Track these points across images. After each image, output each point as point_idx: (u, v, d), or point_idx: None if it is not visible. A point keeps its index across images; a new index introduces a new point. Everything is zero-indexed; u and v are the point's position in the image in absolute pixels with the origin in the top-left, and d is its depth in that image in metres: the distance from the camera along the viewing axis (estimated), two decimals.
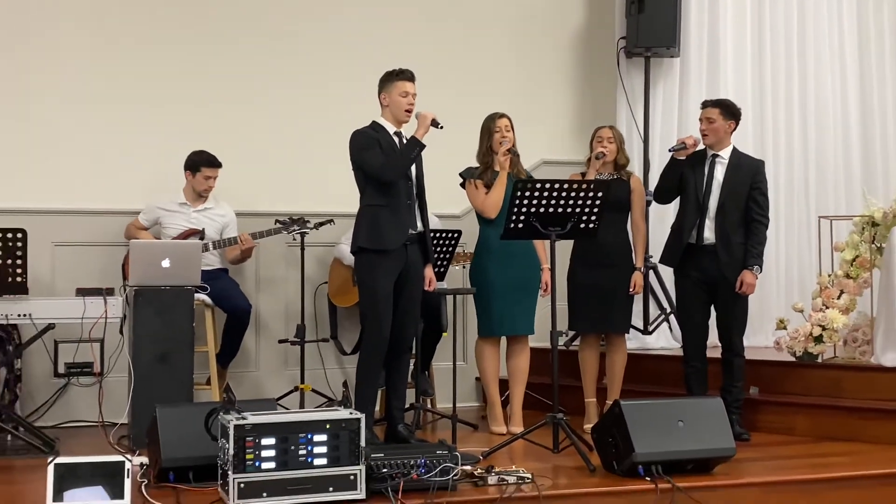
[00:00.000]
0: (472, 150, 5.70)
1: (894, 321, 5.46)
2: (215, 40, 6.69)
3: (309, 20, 6.90)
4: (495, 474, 4.16)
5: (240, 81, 6.71)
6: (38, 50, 6.36)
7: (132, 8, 6.55)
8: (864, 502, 4.40)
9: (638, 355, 6.30)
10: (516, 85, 7.19)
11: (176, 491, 3.94)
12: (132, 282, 5.29)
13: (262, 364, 6.69)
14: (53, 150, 6.31)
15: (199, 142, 6.28)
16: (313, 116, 6.65)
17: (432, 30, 7.10)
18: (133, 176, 6.39)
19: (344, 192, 5.56)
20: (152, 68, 6.54)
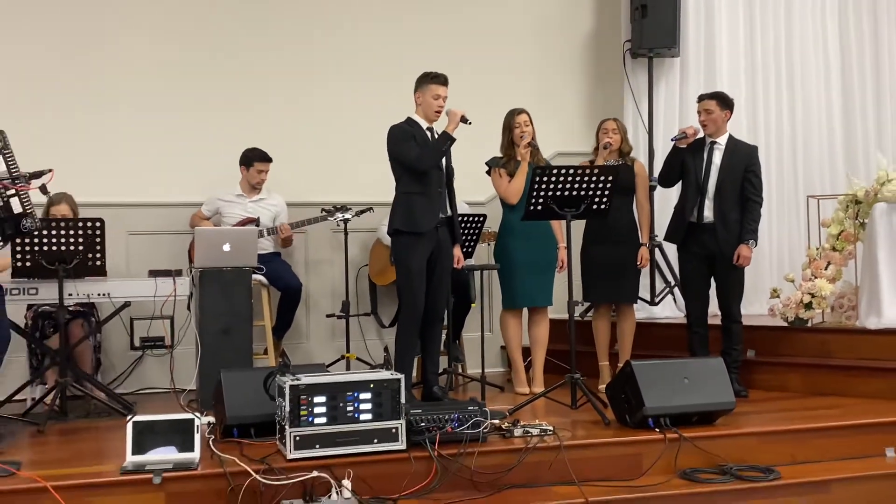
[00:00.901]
0: (496, 142, 5.69)
1: (876, 289, 5.44)
2: (265, 53, 6.71)
3: (346, 28, 6.90)
4: (521, 427, 4.18)
5: (286, 86, 6.74)
6: (112, 64, 6.43)
7: (190, 24, 6.59)
8: (849, 448, 4.39)
9: (646, 324, 6.29)
10: (534, 84, 7.16)
11: (239, 445, 3.98)
12: (197, 264, 5.33)
13: (313, 336, 6.73)
14: (126, 151, 6.36)
15: (251, 140, 6.31)
16: (353, 114, 6.65)
17: (459, 35, 7.08)
18: (195, 172, 6.43)
19: (381, 182, 5.57)
20: (209, 77, 6.58)
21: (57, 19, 6.34)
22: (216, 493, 3.62)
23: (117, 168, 6.31)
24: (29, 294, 5.05)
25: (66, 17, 6.36)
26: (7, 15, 6.25)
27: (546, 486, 3.92)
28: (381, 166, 5.27)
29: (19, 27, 6.27)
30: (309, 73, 6.80)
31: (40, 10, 6.31)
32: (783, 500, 4.02)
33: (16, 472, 3.65)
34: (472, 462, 3.86)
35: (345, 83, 6.82)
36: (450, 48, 6.85)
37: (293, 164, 6.51)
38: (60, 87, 6.29)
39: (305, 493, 3.66)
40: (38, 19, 6.31)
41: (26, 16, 6.28)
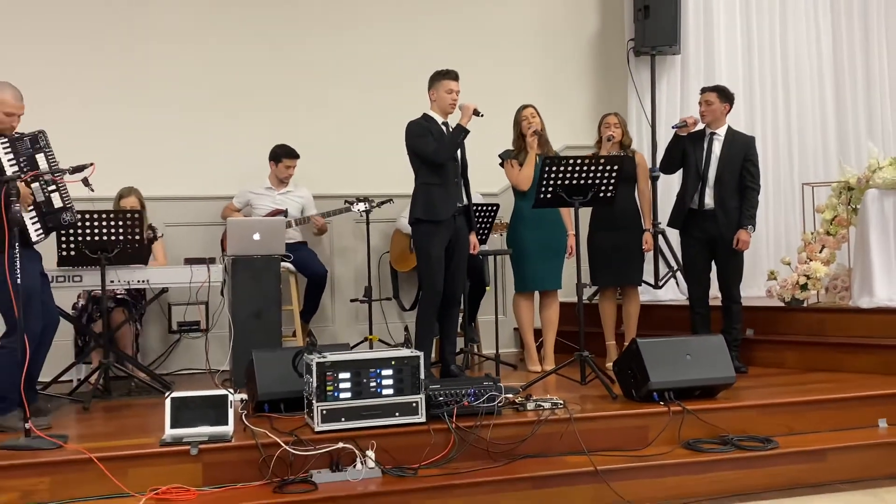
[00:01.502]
0: (507, 136, 5.66)
1: (868, 270, 5.39)
2: (293, 56, 6.70)
3: (367, 33, 6.87)
4: (533, 401, 4.16)
5: (312, 86, 6.71)
6: (153, 68, 6.42)
7: (224, 30, 6.59)
8: (843, 420, 4.36)
9: (650, 306, 6.26)
10: (543, 81, 7.11)
11: (270, 419, 3.99)
12: (229, 252, 5.33)
13: (338, 319, 6.72)
14: (164, 148, 6.35)
15: (280, 137, 6.30)
16: (373, 112, 6.62)
17: (472, 37, 7.03)
18: (226, 167, 6.42)
19: (400, 175, 5.55)
20: (241, 79, 6.56)
21: (101, 24, 6.34)
22: (249, 463, 3.63)
23: (156, 164, 6.30)
24: (73, 281, 5.08)
25: (109, 22, 6.35)
26: (54, 20, 6.25)
27: (557, 456, 3.91)
28: (399, 160, 5.25)
29: (65, 31, 6.27)
30: (332, 74, 6.77)
31: (86, 15, 6.32)
32: (781, 468, 3.99)
33: (63, 444, 3.68)
34: (487, 434, 3.85)
35: (365, 83, 6.78)
36: (463, 49, 6.79)
37: (318, 158, 6.48)
38: (104, 89, 6.28)
39: (332, 463, 3.67)
40: (84, 24, 6.31)
41: (72, 20, 6.29)
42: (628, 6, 7.02)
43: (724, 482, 3.90)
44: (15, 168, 4.01)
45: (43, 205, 4.14)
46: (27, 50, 6.15)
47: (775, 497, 3.85)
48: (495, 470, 3.75)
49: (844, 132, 7.40)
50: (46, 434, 3.76)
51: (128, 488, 3.48)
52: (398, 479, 3.63)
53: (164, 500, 3.44)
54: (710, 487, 3.88)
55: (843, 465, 4.06)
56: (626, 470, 3.82)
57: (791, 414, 4.31)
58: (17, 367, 3.80)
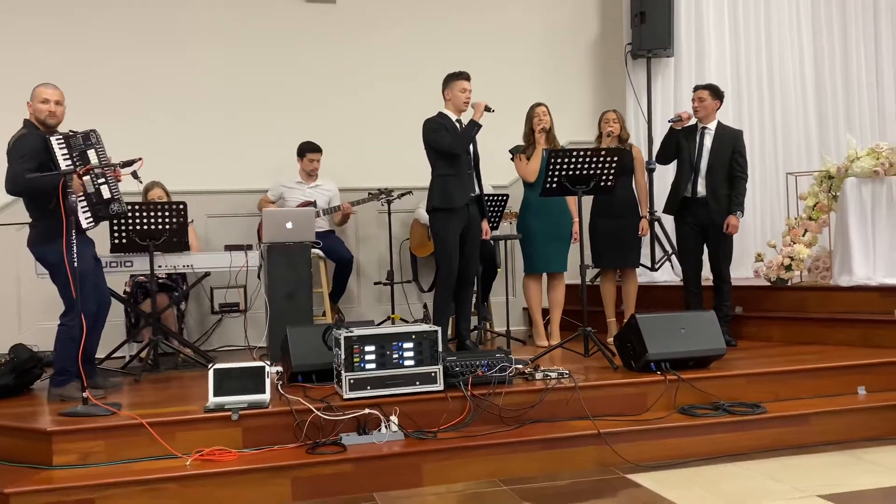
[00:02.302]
0: (515, 132, 5.63)
1: (848, 251, 5.33)
2: (319, 60, 6.69)
3: (388, 39, 6.85)
4: (541, 371, 4.16)
5: (337, 88, 6.70)
6: (194, 73, 6.45)
7: (257, 35, 6.59)
8: (825, 387, 4.33)
9: (647, 286, 6.22)
10: (548, 82, 7.05)
11: (303, 388, 4.00)
12: (265, 240, 5.34)
13: (363, 300, 6.72)
14: (205, 147, 6.38)
15: (308, 135, 6.30)
16: (393, 110, 6.58)
17: (481, 41, 6.99)
18: (260, 163, 6.43)
19: (418, 169, 5.53)
20: (272, 81, 6.58)
21: (148, 33, 6.37)
22: (284, 427, 3.65)
23: (198, 162, 6.33)
24: (125, 266, 5.11)
25: (155, 30, 6.39)
26: (105, 29, 6.28)
27: (563, 421, 3.91)
28: (418, 156, 5.22)
29: (115, 40, 6.30)
30: (355, 76, 6.75)
31: (134, 24, 6.35)
32: (768, 431, 3.97)
33: (117, 411, 3.71)
34: (499, 401, 3.85)
35: (385, 84, 6.76)
36: (475, 52, 6.76)
37: (344, 154, 6.49)
38: (152, 92, 6.33)
39: (359, 427, 3.69)
40: (132, 34, 6.34)
41: (122, 30, 6.32)
42: (626, 13, 6.96)
43: (716, 444, 3.88)
44: (68, 162, 4.03)
45: (93, 196, 4.16)
46: (81, 58, 6.19)
47: (763, 457, 3.82)
48: (507, 433, 3.75)
49: (825, 125, 7.30)
50: (102, 402, 3.79)
51: (175, 450, 3.50)
52: (419, 442, 3.64)
53: (207, 460, 3.46)
54: (703, 448, 3.86)
55: (826, 428, 4.03)
56: (627, 433, 3.81)
57: (777, 382, 4.28)
58: (75, 342, 3.84)
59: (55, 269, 4.02)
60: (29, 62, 5.99)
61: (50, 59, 6.06)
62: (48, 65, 5.99)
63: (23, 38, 6.15)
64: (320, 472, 3.45)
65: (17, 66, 5.98)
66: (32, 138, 4.04)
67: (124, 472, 3.37)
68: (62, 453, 3.46)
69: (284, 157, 6.34)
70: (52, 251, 3.92)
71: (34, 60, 6.02)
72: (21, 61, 6.03)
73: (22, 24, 6.17)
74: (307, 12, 6.72)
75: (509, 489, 3.48)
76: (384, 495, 3.45)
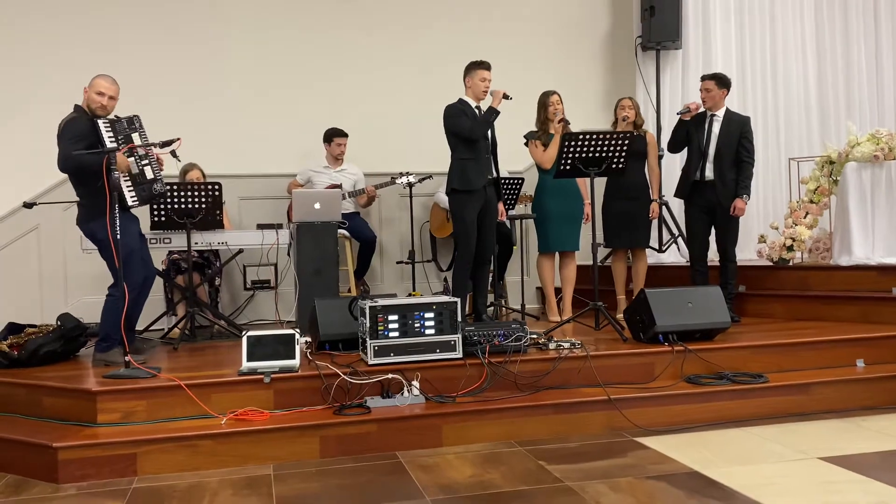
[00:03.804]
0: (530, 120, 5.60)
1: (847, 233, 5.28)
2: (346, 52, 6.69)
3: (410, 30, 6.84)
4: (555, 342, 4.14)
5: (363, 77, 6.71)
6: (229, 63, 6.47)
7: (286, 28, 6.60)
8: (826, 360, 4.29)
9: (655, 266, 6.16)
10: (562, 73, 7.01)
11: (331, 356, 4.01)
12: (294, 219, 5.33)
13: (386, 278, 6.73)
14: (238, 133, 6.41)
15: (335, 122, 6.30)
16: (416, 98, 6.58)
17: (500, 33, 6.97)
18: (289, 149, 6.46)
19: (438, 154, 5.52)
20: (301, 71, 6.59)
21: (186, 26, 6.40)
22: (313, 390, 3.66)
23: (231, 147, 6.37)
24: (164, 243, 5.15)
25: (193, 23, 6.42)
26: (147, 22, 6.32)
27: (575, 388, 3.89)
28: (439, 141, 5.20)
29: (156, 33, 6.34)
30: (380, 66, 6.76)
31: (174, 17, 6.37)
32: (771, 399, 3.93)
33: (157, 374, 3.74)
34: (515, 368, 3.85)
35: (409, 73, 6.77)
36: (492, 43, 6.74)
37: (369, 140, 6.50)
38: (192, 85, 6.37)
39: (383, 391, 3.69)
40: (172, 27, 6.37)
41: (163, 22, 6.36)
42: (636, 6, 6.90)
43: (720, 411, 3.86)
44: (114, 144, 4.05)
45: (137, 176, 4.18)
46: (124, 52, 6.22)
47: (766, 424, 3.79)
48: (522, 398, 3.75)
49: (826, 113, 7.22)
50: (144, 366, 3.82)
51: (211, 410, 3.53)
52: (439, 405, 3.64)
53: (241, 419, 3.49)
54: (708, 415, 3.83)
55: (826, 398, 3.99)
56: (636, 399, 3.79)
57: (780, 354, 4.24)
58: (119, 311, 3.86)
59: (103, 244, 4.05)
60: (78, 58, 6.03)
61: (98, 53, 6.10)
62: (97, 60, 6.03)
63: (72, 35, 6.19)
64: (346, 432, 3.46)
65: (68, 62, 6.03)
66: (82, 121, 4.08)
67: (163, 429, 3.40)
68: (106, 412, 3.49)
69: (312, 143, 6.34)
70: (100, 227, 3.95)
71: (83, 56, 6.06)
72: (71, 57, 6.08)
73: (70, 23, 6.21)
74: (334, 4, 6.70)
75: (524, 450, 3.47)
76: (406, 454, 3.45)
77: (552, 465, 3.24)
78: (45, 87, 5.99)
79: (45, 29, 6.16)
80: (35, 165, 5.79)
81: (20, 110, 6.04)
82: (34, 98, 6.01)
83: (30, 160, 5.84)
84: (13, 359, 4.19)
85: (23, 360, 4.20)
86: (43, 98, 5.90)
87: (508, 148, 5.79)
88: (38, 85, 6.06)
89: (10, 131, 6.04)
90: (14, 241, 6.00)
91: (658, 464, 3.23)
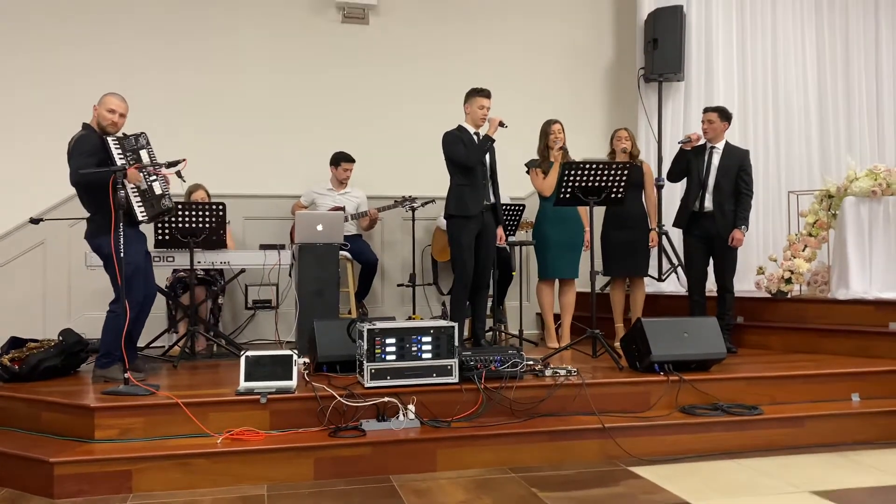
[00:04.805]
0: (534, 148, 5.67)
1: (845, 267, 5.28)
2: (351, 78, 6.78)
3: (416, 61, 6.93)
4: (551, 369, 4.16)
5: (368, 103, 6.79)
6: (236, 88, 6.55)
7: (294, 54, 6.68)
8: (820, 393, 4.29)
9: (654, 296, 6.18)
10: (566, 102, 7.10)
11: (328, 377, 4.03)
12: (297, 241, 5.38)
13: (386, 300, 6.76)
14: (244, 154, 6.48)
15: (339, 145, 6.37)
16: (417, 124, 6.65)
17: (505, 63, 7.06)
18: (294, 170, 6.52)
19: (440, 179, 5.56)
20: (307, 95, 6.66)
21: (200, 53, 6.50)
22: (309, 412, 3.67)
23: (237, 167, 6.44)
24: (167, 261, 5.18)
25: (204, 52, 6.50)
26: (164, 50, 6.41)
27: (571, 415, 3.90)
28: (440, 166, 5.25)
29: (172, 60, 6.44)
30: (384, 92, 6.83)
31: (189, 46, 6.47)
32: (765, 431, 3.94)
33: (156, 392, 3.76)
34: (511, 394, 3.86)
35: (412, 99, 6.85)
36: (496, 72, 6.82)
37: (372, 164, 6.55)
38: (201, 107, 6.46)
39: (379, 414, 3.70)
40: (187, 54, 6.47)
41: (180, 51, 6.45)
42: (639, 39, 6.96)
43: (714, 442, 3.86)
44: (123, 161, 4.11)
45: (147, 192, 4.24)
46: (136, 76, 6.30)
47: (759, 456, 3.79)
48: (517, 425, 3.76)
49: (826, 147, 7.27)
50: (142, 384, 3.84)
51: (208, 429, 3.55)
52: (434, 430, 3.65)
53: (237, 439, 3.50)
54: (702, 446, 3.84)
55: (819, 431, 3.99)
56: (630, 428, 3.80)
57: (774, 386, 4.25)
58: (122, 328, 3.89)
59: (109, 259, 4.09)
60: (90, 81, 6.10)
61: (107, 74, 6.21)
62: (107, 81, 6.13)
63: (86, 59, 6.28)
64: (341, 454, 3.47)
65: (80, 84, 6.12)
66: (92, 138, 4.15)
67: (160, 447, 3.41)
68: (103, 428, 3.51)
69: (316, 166, 6.40)
70: (107, 243, 4.00)
71: (94, 78, 6.15)
72: (82, 80, 6.17)
73: (85, 47, 6.30)
74: (342, 32, 6.80)
75: (518, 476, 3.48)
76: (399, 478, 3.46)
77: (545, 493, 3.24)
78: (54, 107, 6.07)
79: (59, 53, 6.24)
80: (41, 182, 5.89)
81: (27, 129, 6.12)
82: (42, 117, 6.10)
83: (36, 177, 5.93)
84: (14, 373, 4.22)
85: (23, 374, 4.22)
86: (51, 117, 6.00)
87: (512, 175, 5.85)
88: (46, 104, 6.14)
89: (16, 149, 6.12)
90: (19, 256, 6.06)
91: (650, 493, 3.24)
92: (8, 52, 6.18)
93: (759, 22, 7.17)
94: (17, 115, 6.15)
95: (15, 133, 6.15)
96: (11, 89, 6.17)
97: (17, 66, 6.19)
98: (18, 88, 6.17)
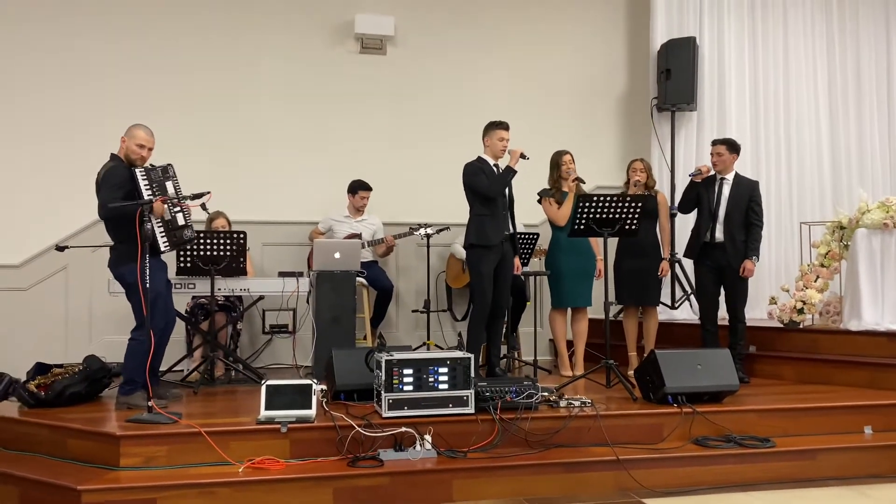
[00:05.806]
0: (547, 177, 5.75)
1: (857, 297, 5.32)
2: (369, 107, 6.89)
3: (429, 88, 7.03)
4: (565, 399, 4.20)
5: (385, 134, 6.89)
6: (255, 120, 6.67)
7: (313, 83, 6.80)
8: (833, 425, 4.31)
9: (667, 324, 6.19)
10: (580, 131, 7.17)
11: (346, 406, 4.09)
12: (315, 268, 5.47)
13: (401, 326, 6.81)
14: (264, 182, 6.59)
15: (356, 173, 6.47)
16: (435, 155, 6.76)
17: (521, 92, 7.16)
18: (312, 198, 6.61)
19: (455, 207, 5.66)
20: (325, 126, 6.78)
21: (219, 82, 6.62)
22: (328, 441, 3.73)
23: (257, 194, 6.54)
24: (188, 288, 5.26)
25: (224, 81, 6.64)
26: (183, 83, 6.55)
27: (585, 447, 3.94)
28: (455, 194, 5.33)
29: (193, 87, 6.57)
30: (400, 123, 6.94)
31: (209, 74, 6.61)
32: (777, 464, 3.96)
33: (178, 420, 3.83)
34: (526, 425, 3.90)
35: (427, 129, 6.95)
36: (511, 102, 6.93)
37: (388, 192, 6.63)
38: (222, 135, 6.57)
39: (396, 444, 3.75)
40: (207, 83, 6.60)
41: (199, 81, 6.58)
42: (653, 69, 7.05)
43: (727, 474, 3.89)
44: (149, 192, 4.22)
45: (169, 223, 4.35)
46: (159, 107, 6.44)
47: (771, 489, 3.82)
48: (532, 456, 3.80)
49: (838, 179, 7.31)
50: (165, 411, 3.92)
51: (229, 457, 3.61)
52: (450, 460, 3.70)
53: (258, 468, 3.56)
54: (715, 478, 3.87)
55: (832, 465, 4.02)
56: (644, 460, 3.84)
57: (787, 418, 4.28)
58: (144, 356, 3.98)
59: (131, 288, 4.19)
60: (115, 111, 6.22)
61: (131, 104, 6.31)
62: (132, 111, 6.26)
63: (111, 92, 6.41)
64: (359, 484, 3.52)
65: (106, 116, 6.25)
66: (120, 169, 4.27)
67: (183, 475, 3.48)
68: (128, 456, 3.59)
69: (333, 193, 6.50)
70: (130, 272, 4.10)
71: (120, 108, 6.27)
72: (108, 110, 6.29)
73: (124, 85, 6.44)
74: (360, 62, 6.92)
75: None
76: None
77: None
78: (81, 137, 6.21)
79: (85, 86, 6.39)
80: (66, 208, 6.02)
81: (54, 158, 6.26)
82: (69, 147, 6.23)
83: (61, 204, 6.08)
84: (40, 399, 4.31)
85: (49, 400, 4.31)
86: (78, 147, 6.14)
87: (525, 203, 5.92)
88: (73, 134, 6.28)
89: (44, 176, 6.25)
90: (43, 280, 6.17)
91: None
92: (32, 86, 6.33)
93: (772, 53, 7.25)
94: (44, 145, 6.29)
95: (43, 158, 6.28)
96: (41, 125, 6.31)
97: (39, 102, 6.34)
98: (47, 125, 6.32)
